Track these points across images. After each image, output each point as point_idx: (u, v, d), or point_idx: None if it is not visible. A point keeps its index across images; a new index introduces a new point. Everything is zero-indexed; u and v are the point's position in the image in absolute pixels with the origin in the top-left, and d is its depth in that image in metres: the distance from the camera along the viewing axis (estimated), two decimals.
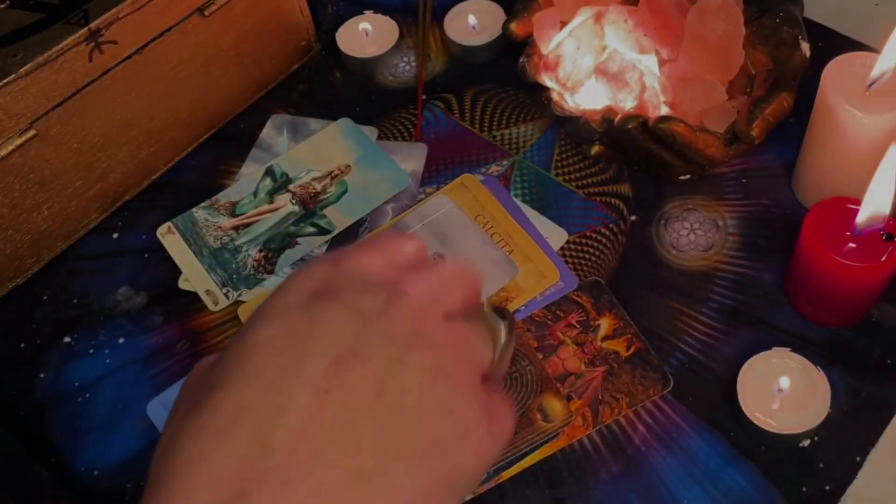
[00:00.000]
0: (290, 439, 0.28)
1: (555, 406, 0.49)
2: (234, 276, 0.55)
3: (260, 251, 0.56)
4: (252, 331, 0.31)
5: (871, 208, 0.45)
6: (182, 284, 0.56)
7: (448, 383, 0.31)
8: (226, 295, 0.55)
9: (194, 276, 0.56)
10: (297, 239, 0.56)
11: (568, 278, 0.53)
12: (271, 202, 0.58)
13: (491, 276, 0.53)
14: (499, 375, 0.36)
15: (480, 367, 0.34)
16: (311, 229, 0.57)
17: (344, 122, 0.61)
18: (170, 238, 0.57)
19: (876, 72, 0.47)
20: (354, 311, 0.31)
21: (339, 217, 0.57)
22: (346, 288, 0.32)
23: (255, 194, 0.59)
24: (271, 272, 0.55)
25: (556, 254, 0.55)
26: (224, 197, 0.59)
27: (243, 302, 0.54)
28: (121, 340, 0.54)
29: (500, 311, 0.36)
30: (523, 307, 0.52)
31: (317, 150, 0.60)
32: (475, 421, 0.32)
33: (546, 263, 0.54)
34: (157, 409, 0.48)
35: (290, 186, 0.59)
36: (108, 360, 0.53)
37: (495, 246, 0.55)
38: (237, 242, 0.57)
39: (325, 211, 0.57)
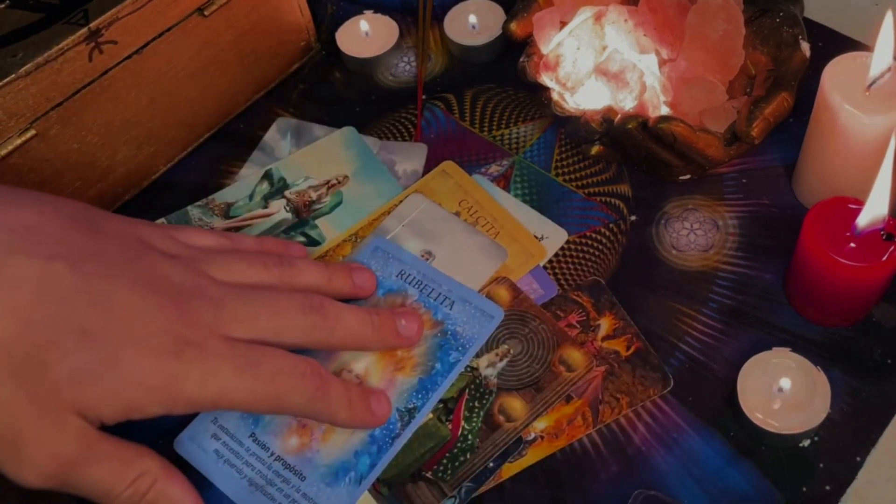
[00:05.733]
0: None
1: (575, 356, 0.49)
2: None
3: None
4: None
5: (873, 210, 0.45)
6: None
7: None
8: None
9: None
10: None
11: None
12: (266, 207, 0.58)
13: (480, 264, 0.53)
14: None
15: None
16: (300, 239, 0.56)
17: (347, 131, 0.61)
18: None
19: (873, 72, 0.47)
20: None
21: (329, 229, 0.57)
22: None
23: (251, 197, 0.59)
24: None
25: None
26: (220, 197, 0.59)
27: None
28: None
29: None
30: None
31: (317, 157, 0.60)
32: None
33: (532, 242, 0.54)
34: (186, 444, 0.48)
35: (287, 192, 0.58)
36: None
37: (480, 233, 0.55)
38: None
39: (318, 221, 0.57)
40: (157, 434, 0.50)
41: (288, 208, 0.58)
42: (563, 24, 0.58)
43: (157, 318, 0.40)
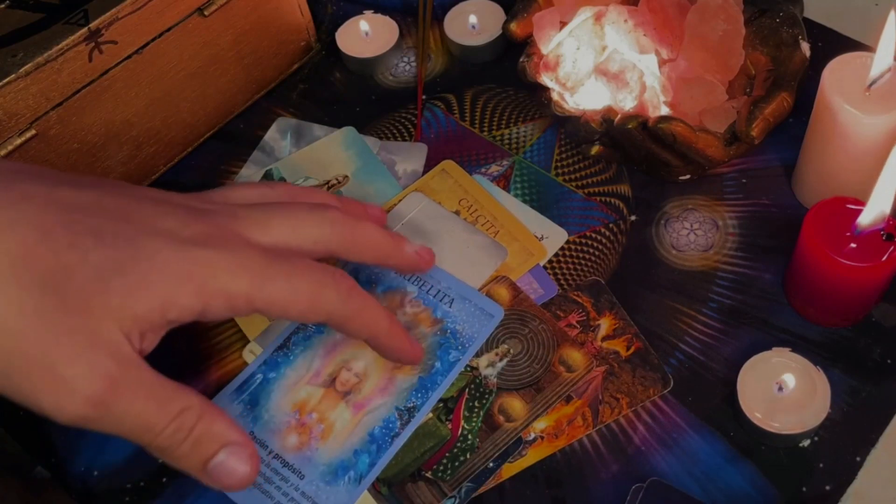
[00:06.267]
0: None
1: (575, 356, 0.50)
2: None
3: None
4: None
5: (875, 209, 0.45)
6: None
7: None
8: None
9: None
10: None
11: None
12: None
13: (480, 262, 0.53)
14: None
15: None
16: None
17: (348, 131, 0.61)
18: None
19: (874, 72, 0.47)
20: None
21: None
22: None
23: None
24: None
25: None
26: None
27: None
28: None
29: None
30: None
31: (317, 157, 0.60)
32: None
33: (532, 241, 0.54)
34: None
35: None
36: None
37: (480, 232, 0.55)
38: None
39: None
40: None
41: None
42: (563, 24, 0.58)
43: (173, 218, 0.38)
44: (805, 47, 0.54)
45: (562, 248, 0.55)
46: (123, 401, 0.35)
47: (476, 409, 0.48)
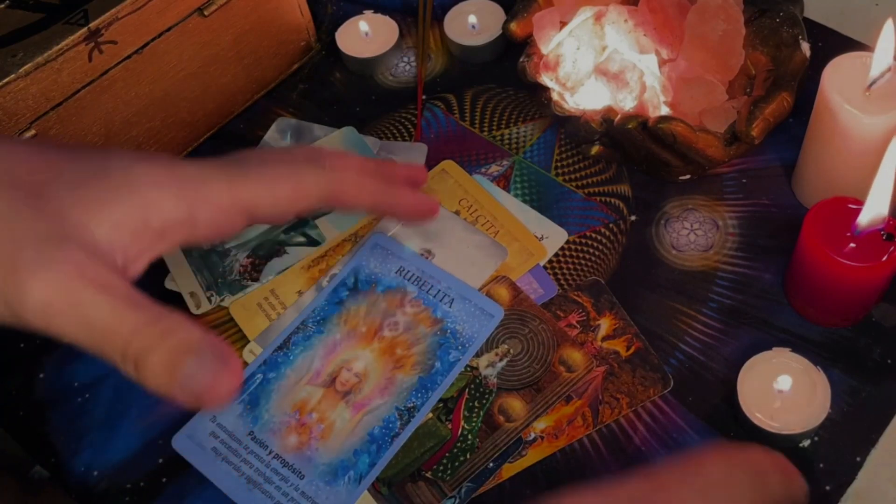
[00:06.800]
0: None
1: (575, 356, 0.50)
2: (220, 280, 0.55)
3: (248, 257, 0.56)
4: None
5: (873, 209, 0.45)
6: (168, 284, 0.55)
7: None
8: (209, 298, 0.54)
9: (181, 277, 0.55)
10: (286, 248, 0.56)
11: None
12: None
13: (480, 262, 0.53)
14: None
15: None
16: (300, 239, 0.56)
17: (347, 131, 0.61)
18: None
19: (874, 72, 0.47)
20: None
21: (329, 228, 0.56)
22: None
23: None
24: (256, 279, 0.55)
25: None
26: None
27: (225, 308, 0.54)
28: None
29: None
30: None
31: None
32: None
33: (532, 241, 0.54)
34: (184, 442, 0.48)
35: None
36: None
37: (480, 232, 0.55)
38: (227, 245, 0.56)
39: (317, 221, 0.57)
40: (157, 432, 0.50)
41: None
42: (563, 24, 0.58)
43: (147, 153, 0.40)
44: (805, 47, 0.54)
45: (562, 248, 0.55)
46: (91, 292, 0.32)
47: (476, 409, 0.48)
